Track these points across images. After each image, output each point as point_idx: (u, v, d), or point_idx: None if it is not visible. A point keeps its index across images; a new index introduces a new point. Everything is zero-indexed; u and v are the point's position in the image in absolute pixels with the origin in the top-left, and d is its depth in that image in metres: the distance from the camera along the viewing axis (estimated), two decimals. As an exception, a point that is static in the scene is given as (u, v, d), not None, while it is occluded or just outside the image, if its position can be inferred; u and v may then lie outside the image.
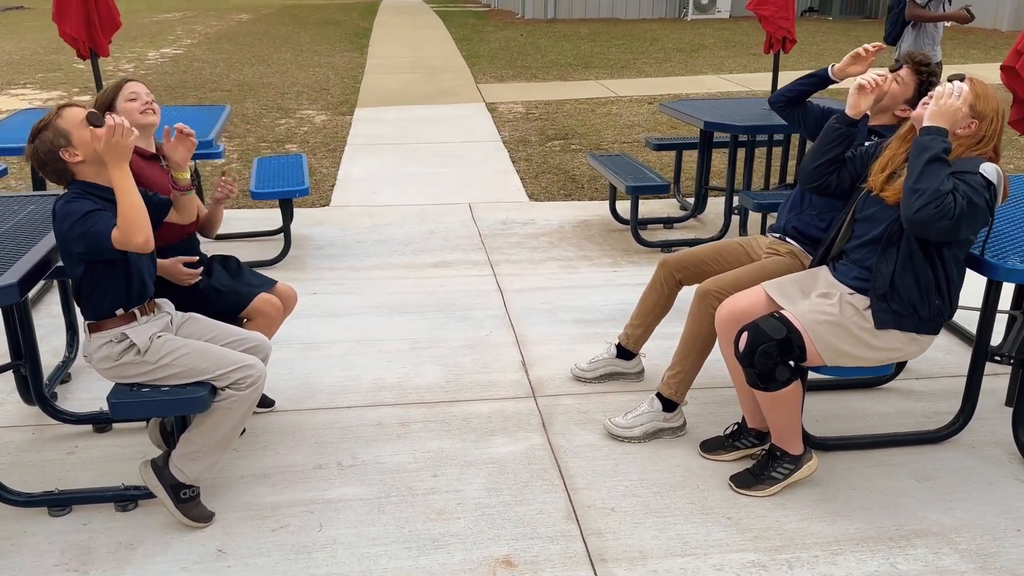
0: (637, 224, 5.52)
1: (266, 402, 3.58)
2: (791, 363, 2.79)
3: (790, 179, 6.37)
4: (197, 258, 3.23)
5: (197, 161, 6.40)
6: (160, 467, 2.78)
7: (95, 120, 2.53)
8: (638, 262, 5.33)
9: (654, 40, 17.08)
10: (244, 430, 3.33)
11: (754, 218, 5.94)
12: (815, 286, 2.95)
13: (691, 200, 6.48)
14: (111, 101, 3.17)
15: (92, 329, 2.69)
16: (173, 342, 2.70)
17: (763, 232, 5.97)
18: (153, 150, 3.23)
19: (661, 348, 4.02)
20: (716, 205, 6.37)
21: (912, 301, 2.76)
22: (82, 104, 2.62)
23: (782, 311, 2.82)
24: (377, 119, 9.85)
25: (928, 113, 2.71)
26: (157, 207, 2.87)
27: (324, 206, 6.59)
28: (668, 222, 6.05)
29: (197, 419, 2.73)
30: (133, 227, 2.47)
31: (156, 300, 2.83)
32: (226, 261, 3.42)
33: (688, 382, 3.30)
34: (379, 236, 5.83)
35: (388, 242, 5.71)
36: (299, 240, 5.69)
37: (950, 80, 2.77)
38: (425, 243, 5.69)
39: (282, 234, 5.38)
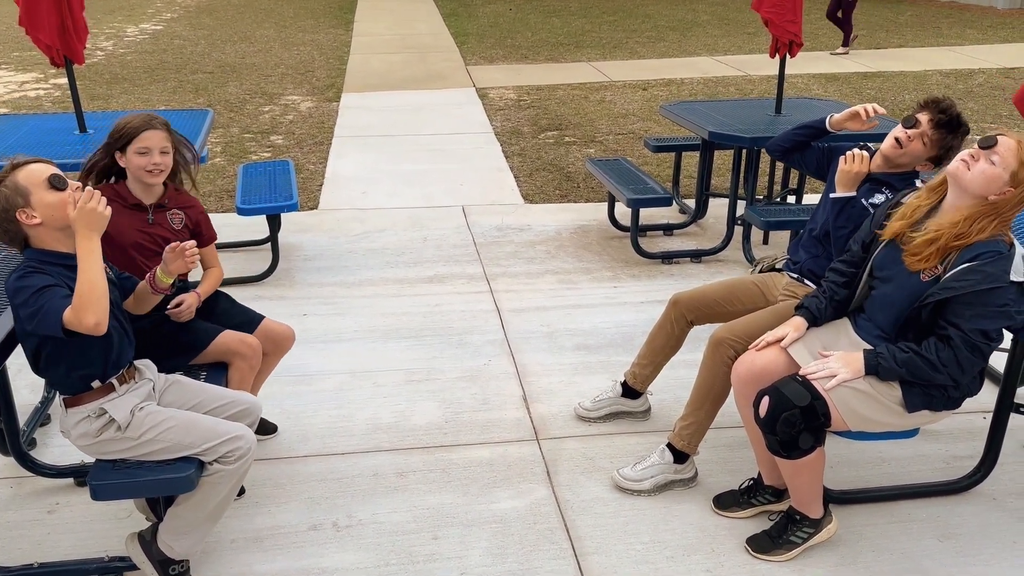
0: (637, 232, 5.34)
1: (267, 428, 3.45)
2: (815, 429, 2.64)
3: (793, 183, 6.19)
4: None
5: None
6: (148, 542, 2.62)
7: (57, 183, 2.32)
8: (638, 275, 5.16)
9: (646, 17, 16.74)
10: (243, 489, 3.16)
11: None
12: (837, 344, 2.79)
13: (690, 202, 6.30)
14: (125, 144, 2.91)
15: (68, 404, 2.50)
16: (156, 415, 2.51)
17: (765, 241, 5.82)
18: (147, 202, 3.01)
19: (667, 381, 3.86)
20: (716, 208, 6.19)
21: (942, 386, 2.60)
22: (46, 160, 2.39)
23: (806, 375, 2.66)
24: (364, 107, 9.57)
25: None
26: (125, 291, 2.67)
27: (312, 209, 6.37)
28: (668, 229, 5.87)
29: (183, 494, 2.56)
30: (87, 306, 2.21)
31: (136, 364, 2.64)
32: (212, 299, 3.23)
33: (701, 433, 3.15)
34: (370, 245, 5.63)
35: (380, 252, 5.51)
36: (287, 250, 5.48)
37: (983, 147, 2.54)
38: (419, 253, 5.49)
39: (269, 244, 5.18)
